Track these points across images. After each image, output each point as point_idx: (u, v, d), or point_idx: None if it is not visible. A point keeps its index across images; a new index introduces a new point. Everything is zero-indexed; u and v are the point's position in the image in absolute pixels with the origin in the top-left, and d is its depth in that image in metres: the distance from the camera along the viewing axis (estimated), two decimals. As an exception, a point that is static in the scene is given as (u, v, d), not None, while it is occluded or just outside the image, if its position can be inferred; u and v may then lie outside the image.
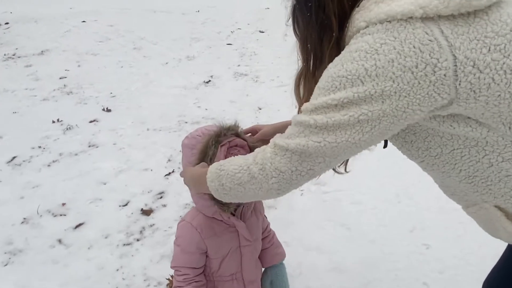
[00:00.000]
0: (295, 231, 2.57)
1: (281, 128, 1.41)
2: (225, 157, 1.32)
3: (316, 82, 0.98)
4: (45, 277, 2.29)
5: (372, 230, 2.57)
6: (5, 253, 2.47)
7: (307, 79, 1.07)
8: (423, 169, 1.08)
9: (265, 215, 1.70)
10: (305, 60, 1.06)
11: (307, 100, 1.02)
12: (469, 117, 0.88)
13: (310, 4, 0.98)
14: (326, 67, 0.96)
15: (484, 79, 0.82)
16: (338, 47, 0.98)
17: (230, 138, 1.38)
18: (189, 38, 6.99)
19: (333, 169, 1.15)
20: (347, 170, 1.22)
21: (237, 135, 1.42)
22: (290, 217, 2.72)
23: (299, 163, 0.96)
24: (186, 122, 4.09)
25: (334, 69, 0.90)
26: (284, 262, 1.73)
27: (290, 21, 1.07)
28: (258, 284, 1.61)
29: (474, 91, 0.83)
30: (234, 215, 1.47)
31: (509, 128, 0.87)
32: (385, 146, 1.14)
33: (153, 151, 3.52)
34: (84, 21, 7.65)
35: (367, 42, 0.86)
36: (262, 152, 1.02)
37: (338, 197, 2.89)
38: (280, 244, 1.74)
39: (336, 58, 0.92)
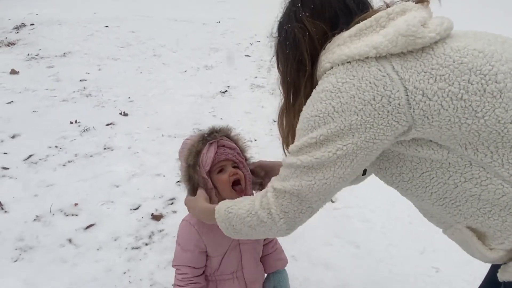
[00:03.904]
0: (303, 245, 2.56)
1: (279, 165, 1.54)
2: (215, 155, 1.43)
3: (295, 113, 1.12)
4: (53, 276, 2.32)
5: (381, 249, 2.54)
6: (16, 249, 2.51)
7: (288, 111, 1.19)
8: (402, 195, 1.15)
9: None
10: (286, 92, 1.18)
11: (289, 132, 1.18)
12: (430, 140, 0.97)
13: (287, 43, 1.13)
14: (302, 99, 1.10)
15: (434, 105, 0.92)
16: (311, 81, 1.10)
17: (219, 138, 1.47)
18: (208, 48, 7.07)
19: None
20: (333, 200, 1.30)
21: (228, 137, 1.51)
22: (299, 231, 2.68)
23: (298, 202, 1.06)
24: (200, 131, 4.11)
25: (307, 111, 1.02)
26: (290, 275, 1.73)
27: (275, 57, 1.21)
28: (260, 286, 1.62)
29: (427, 117, 0.93)
30: None
31: (465, 148, 0.95)
32: (363, 173, 1.24)
33: (166, 157, 3.55)
34: (107, 26, 7.80)
35: (331, 83, 0.97)
36: (265, 197, 1.12)
37: (348, 214, 2.87)
38: (283, 251, 1.76)
39: (308, 101, 1.04)
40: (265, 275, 1.70)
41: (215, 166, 1.42)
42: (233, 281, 1.53)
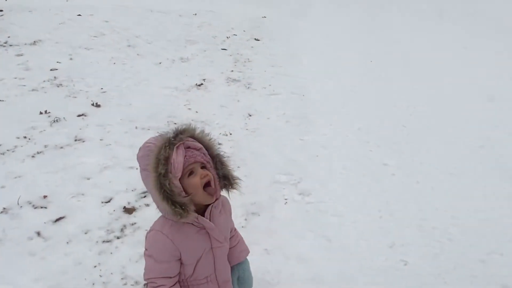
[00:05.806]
0: (276, 239, 2.58)
1: None
2: (185, 159, 1.35)
3: None
4: (21, 270, 2.26)
5: (352, 243, 2.59)
6: (-18, 242, 2.43)
7: None
8: None
9: None
10: None
11: None
12: None
13: None
14: None
15: None
16: None
17: (184, 140, 1.39)
18: (184, 40, 6.98)
19: None
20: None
21: (193, 137, 1.44)
22: (272, 225, 2.73)
23: None
24: (175, 123, 4.08)
25: None
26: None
27: None
28: (230, 283, 1.62)
29: None
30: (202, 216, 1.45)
31: None
32: None
33: (140, 150, 3.50)
34: (79, 15, 7.59)
35: None
36: None
37: (320, 208, 2.91)
38: (243, 240, 1.75)
39: None
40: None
41: (184, 170, 1.37)
42: (207, 285, 1.52)
